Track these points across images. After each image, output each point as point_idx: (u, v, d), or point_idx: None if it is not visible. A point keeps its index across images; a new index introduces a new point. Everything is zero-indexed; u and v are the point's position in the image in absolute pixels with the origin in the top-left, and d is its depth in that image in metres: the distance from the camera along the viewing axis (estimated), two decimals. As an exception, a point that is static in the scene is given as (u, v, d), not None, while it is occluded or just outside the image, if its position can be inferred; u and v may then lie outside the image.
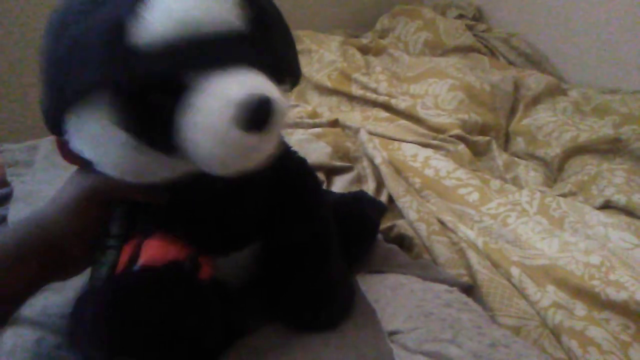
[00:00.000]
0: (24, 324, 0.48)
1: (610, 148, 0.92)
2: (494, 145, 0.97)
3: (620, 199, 0.76)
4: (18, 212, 0.67)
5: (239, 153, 0.36)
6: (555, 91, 1.13)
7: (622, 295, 0.56)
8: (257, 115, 0.35)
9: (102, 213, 0.43)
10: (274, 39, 0.40)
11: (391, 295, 0.54)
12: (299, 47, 1.26)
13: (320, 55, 1.20)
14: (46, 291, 0.50)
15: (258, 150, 0.37)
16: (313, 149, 0.85)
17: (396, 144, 0.89)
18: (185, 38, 0.34)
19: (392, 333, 0.50)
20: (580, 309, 0.56)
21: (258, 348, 0.48)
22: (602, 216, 0.71)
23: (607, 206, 0.78)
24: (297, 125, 0.92)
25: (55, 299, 0.51)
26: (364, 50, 1.28)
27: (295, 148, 0.86)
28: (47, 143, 0.85)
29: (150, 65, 0.34)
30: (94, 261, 0.44)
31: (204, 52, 0.35)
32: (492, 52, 1.34)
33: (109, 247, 0.43)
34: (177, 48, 0.34)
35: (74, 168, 0.44)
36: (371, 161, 0.83)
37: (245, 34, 0.37)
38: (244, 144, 0.35)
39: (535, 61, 1.31)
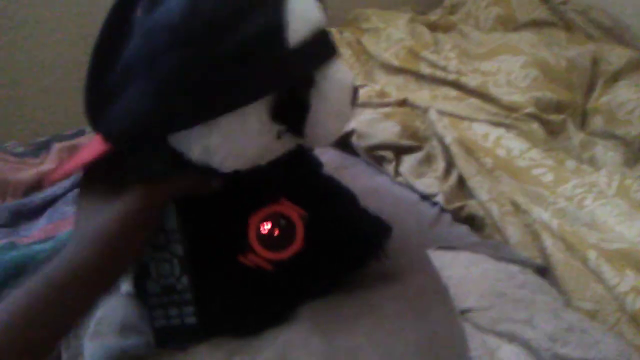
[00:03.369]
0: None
1: (698, 128, 0.86)
2: (570, 124, 0.93)
3: None
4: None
5: (346, 125, 0.46)
6: (638, 66, 1.06)
7: None
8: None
9: (158, 214, 0.44)
10: None
11: (464, 273, 0.55)
12: (366, 25, 1.26)
13: (388, 34, 1.18)
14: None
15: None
16: (382, 128, 0.85)
17: (466, 123, 0.88)
18: (313, 37, 0.40)
19: (465, 311, 0.51)
20: (662, 294, 0.54)
21: (330, 320, 0.49)
22: (687, 200, 0.68)
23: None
24: (365, 105, 0.92)
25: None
26: (433, 27, 1.25)
27: (364, 127, 0.86)
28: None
29: (301, 63, 0.40)
30: (145, 260, 0.45)
31: (323, 47, 0.42)
32: (569, 26, 1.27)
33: (169, 242, 0.45)
34: (312, 46, 0.40)
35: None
36: (441, 141, 0.82)
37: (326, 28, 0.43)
38: (351, 117, 0.47)
39: (616, 34, 1.23)
